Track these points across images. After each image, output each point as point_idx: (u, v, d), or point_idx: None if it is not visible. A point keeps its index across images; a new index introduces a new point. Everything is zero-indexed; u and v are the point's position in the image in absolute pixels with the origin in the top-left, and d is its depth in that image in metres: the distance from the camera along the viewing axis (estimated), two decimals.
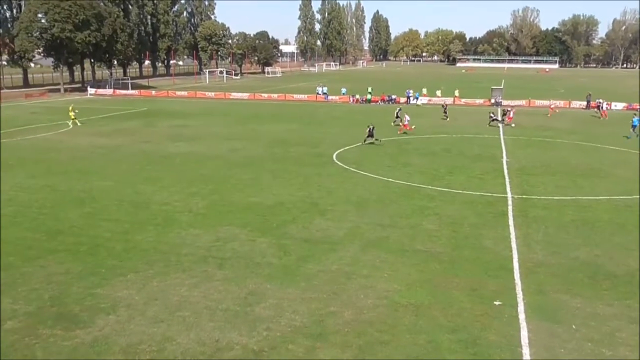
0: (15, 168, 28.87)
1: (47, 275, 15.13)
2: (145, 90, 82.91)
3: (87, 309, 13.17)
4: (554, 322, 12.71)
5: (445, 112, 50.10)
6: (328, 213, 20.95)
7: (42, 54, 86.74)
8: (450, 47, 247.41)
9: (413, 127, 41.45)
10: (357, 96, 67.84)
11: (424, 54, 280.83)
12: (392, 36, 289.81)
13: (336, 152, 33.19)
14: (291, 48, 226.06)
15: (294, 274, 15.25)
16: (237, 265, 15.85)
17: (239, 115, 53.84)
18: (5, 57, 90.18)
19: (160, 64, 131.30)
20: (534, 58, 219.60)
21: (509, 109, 49.04)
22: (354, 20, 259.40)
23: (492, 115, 46.57)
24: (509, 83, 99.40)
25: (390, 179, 26.46)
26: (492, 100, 63.24)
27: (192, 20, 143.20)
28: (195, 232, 18.74)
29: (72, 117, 45.52)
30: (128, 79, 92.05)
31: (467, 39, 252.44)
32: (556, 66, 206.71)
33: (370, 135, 35.91)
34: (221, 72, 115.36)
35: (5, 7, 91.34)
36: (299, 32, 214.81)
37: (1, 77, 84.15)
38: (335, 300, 13.72)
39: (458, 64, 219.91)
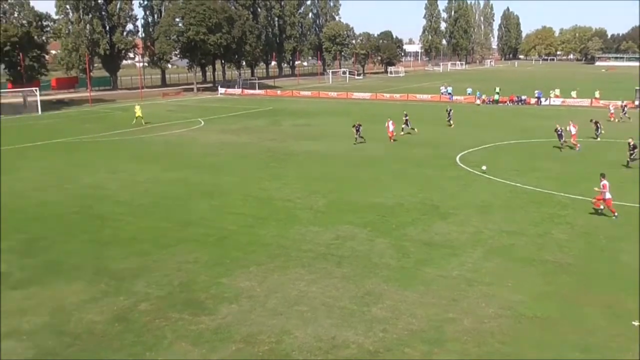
0: (151, 162, 31.17)
1: (177, 263, 16.12)
2: (271, 90, 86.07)
3: (212, 297, 13.84)
4: None
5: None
6: (449, 216, 20.35)
7: (178, 56, 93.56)
8: (588, 45, 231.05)
9: (397, 134, 37.64)
10: (484, 96, 65.26)
11: (558, 53, 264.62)
12: (523, 34, 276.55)
13: (460, 154, 32.18)
14: (415, 47, 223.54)
15: (412, 277, 14.97)
16: (355, 264, 15.87)
17: (361, 115, 53.96)
18: (146, 58, 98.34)
19: (285, 65, 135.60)
20: None
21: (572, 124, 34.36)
22: (482, 19, 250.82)
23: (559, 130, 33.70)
24: None
25: (517, 184, 25.17)
26: (637, 102, 58.18)
27: (317, 21, 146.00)
28: (315, 229, 19.04)
29: (139, 115, 46.48)
30: (255, 79, 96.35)
31: (609, 36, 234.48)
32: None
33: (357, 132, 36.46)
34: (344, 73, 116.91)
35: (147, 13, 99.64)
36: (423, 32, 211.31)
37: (142, 76, 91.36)
38: (455, 306, 13.26)
39: (597, 63, 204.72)
